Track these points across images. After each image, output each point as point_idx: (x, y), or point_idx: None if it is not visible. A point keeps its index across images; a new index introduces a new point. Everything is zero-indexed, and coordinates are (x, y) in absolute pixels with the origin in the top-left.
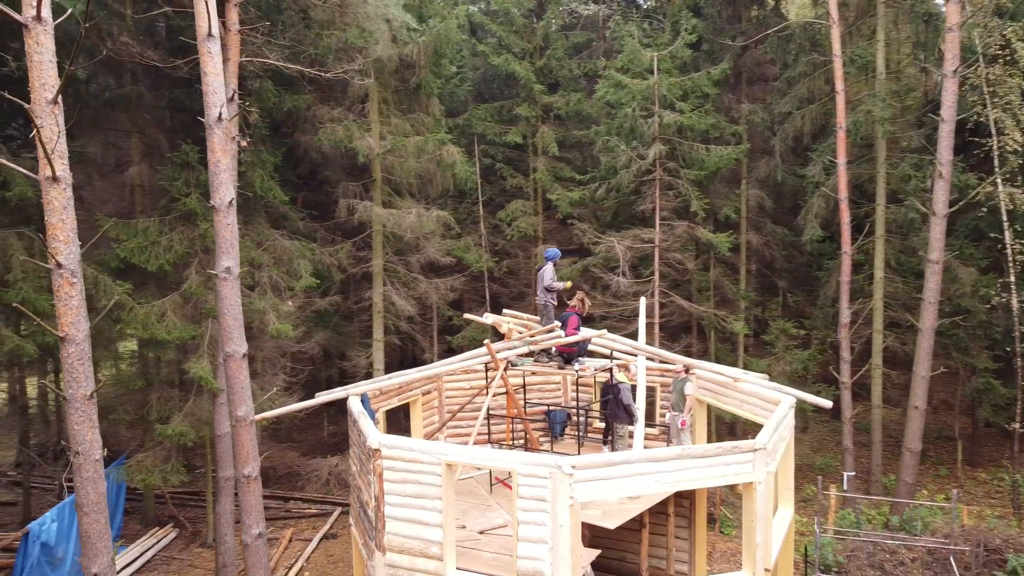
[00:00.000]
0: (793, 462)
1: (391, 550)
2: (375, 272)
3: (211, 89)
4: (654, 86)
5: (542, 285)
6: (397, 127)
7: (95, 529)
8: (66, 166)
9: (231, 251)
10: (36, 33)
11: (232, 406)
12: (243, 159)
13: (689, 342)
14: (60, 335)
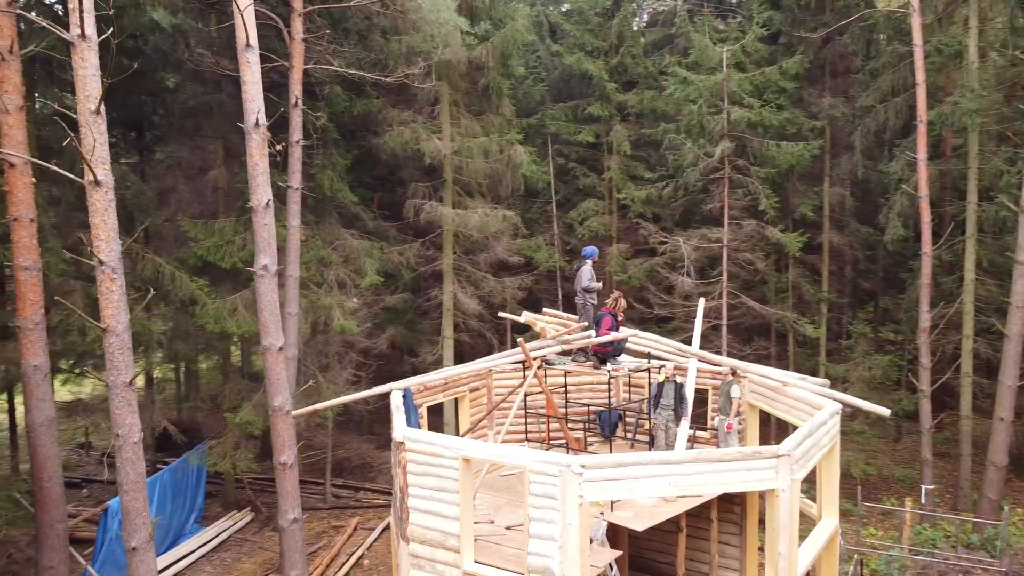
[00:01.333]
0: (838, 470)
1: (414, 540)
2: (445, 270)
3: (249, 96)
4: (722, 82)
5: (580, 285)
6: (467, 128)
7: (134, 506)
8: (108, 171)
9: (268, 249)
10: (81, 49)
11: (269, 396)
12: (315, 162)
13: (762, 345)
14: (102, 327)
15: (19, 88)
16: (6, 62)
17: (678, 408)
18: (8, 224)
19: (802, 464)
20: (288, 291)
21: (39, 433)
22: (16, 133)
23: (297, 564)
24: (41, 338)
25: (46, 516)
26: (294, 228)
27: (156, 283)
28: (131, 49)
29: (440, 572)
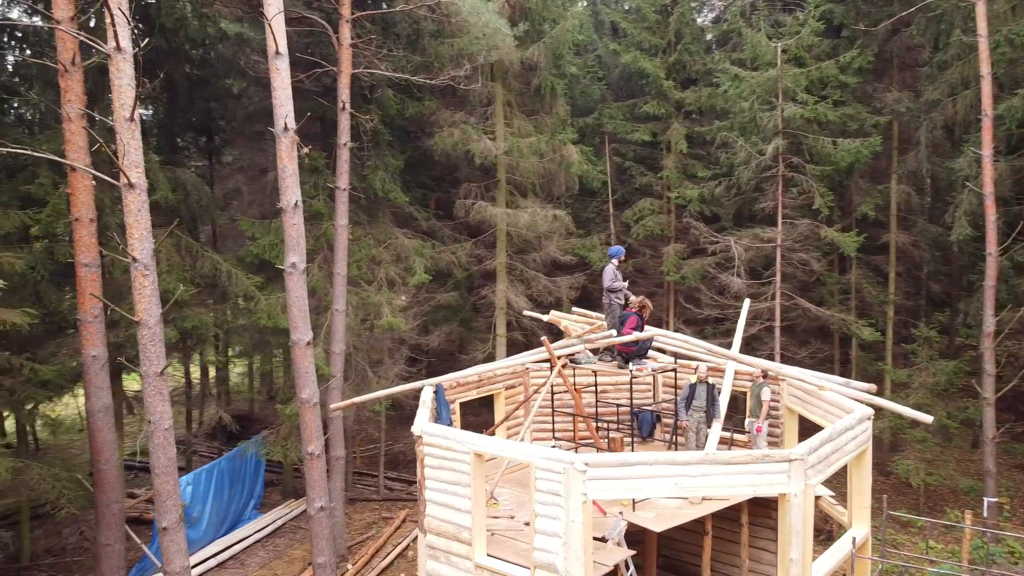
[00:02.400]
0: (869, 477)
1: (430, 532)
2: (498, 269)
3: (279, 102)
4: (776, 78)
5: (604, 285)
6: (520, 128)
7: (165, 489)
8: (141, 173)
9: (296, 248)
10: (117, 61)
11: (298, 389)
12: (367, 163)
13: (818, 348)
14: (136, 320)
15: (81, 97)
16: (68, 73)
17: (710, 409)
18: (70, 224)
19: (819, 469)
20: (336, 288)
21: (97, 419)
22: (77, 139)
23: (324, 551)
24: (99, 330)
25: (103, 497)
26: (342, 228)
27: (215, 280)
28: (198, 59)
29: (454, 564)
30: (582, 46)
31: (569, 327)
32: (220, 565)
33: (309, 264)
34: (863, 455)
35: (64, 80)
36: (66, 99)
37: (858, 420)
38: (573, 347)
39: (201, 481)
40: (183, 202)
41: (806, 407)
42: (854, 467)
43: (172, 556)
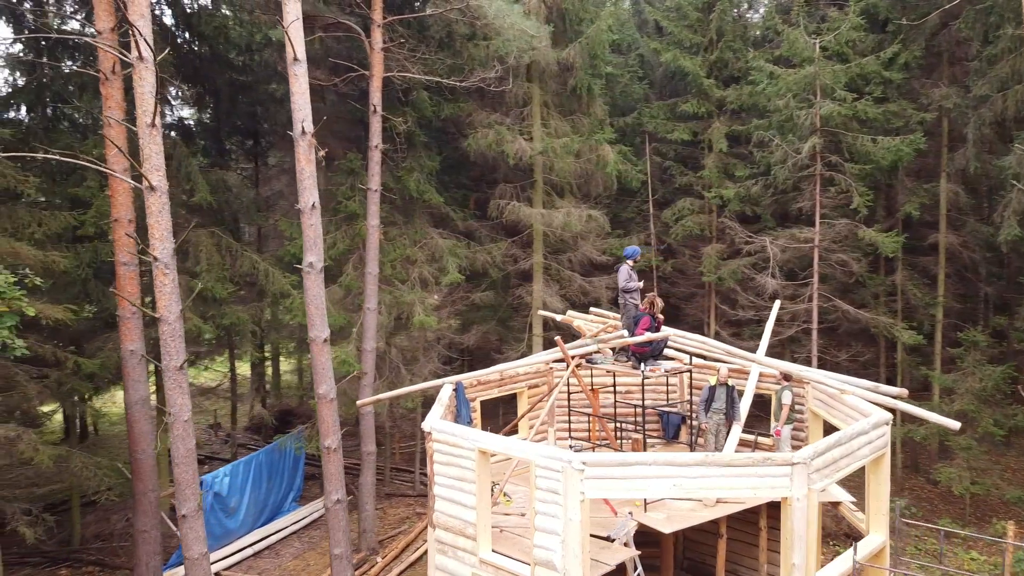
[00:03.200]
0: (887, 483)
1: (439, 526)
2: (535, 269)
3: (297, 106)
4: (814, 75)
5: (619, 285)
6: (557, 129)
7: (184, 478)
8: (162, 176)
9: (314, 248)
10: (140, 70)
11: (315, 384)
12: (403, 165)
13: (859, 351)
14: (156, 316)
15: (121, 104)
16: (109, 81)
17: (730, 412)
18: (110, 224)
19: (825, 474)
20: (367, 287)
21: (134, 411)
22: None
23: (340, 542)
24: (137, 326)
25: (140, 485)
26: (373, 228)
27: (253, 279)
28: (240, 64)
29: (460, 558)
30: (623, 45)
31: (583, 327)
32: (256, 554)
33: (344, 264)
34: (880, 460)
35: (105, 87)
36: (107, 106)
37: (873, 425)
38: (586, 347)
39: (239, 473)
40: (226, 204)
41: (829, 411)
42: (871, 472)
43: (191, 543)
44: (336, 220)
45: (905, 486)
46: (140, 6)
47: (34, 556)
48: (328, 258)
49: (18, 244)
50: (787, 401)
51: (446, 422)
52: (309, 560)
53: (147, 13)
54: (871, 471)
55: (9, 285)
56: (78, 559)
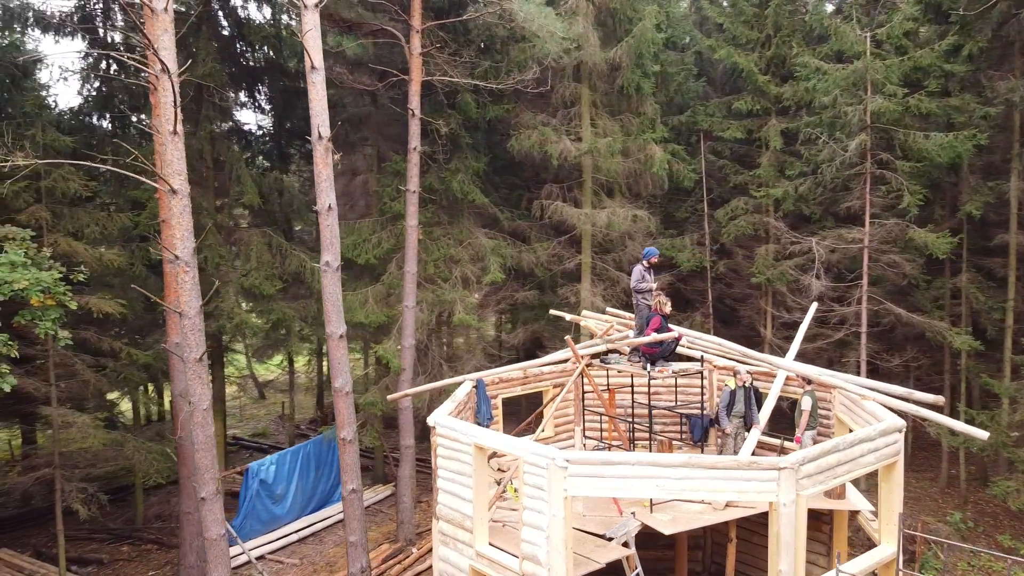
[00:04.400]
0: (899, 493)
1: (442, 519)
2: (583, 269)
3: (314, 112)
4: (863, 69)
5: (631, 286)
6: (606, 128)
7: (204, 463)
8: (183, 180)
9: (331, 248)
10: (163, 81)
11: (332, 378)
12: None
13: (914, 357)
14: (178, 311)
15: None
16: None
17: (748, 415)
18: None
19: (818, 481)
20: (406, 286)
21: (178, 401)
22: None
23: (356, 530)
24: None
25: (184, 470)
26: (411, 228)
27: (299, 276)
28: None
29: (460, 550)
30: (680, 43)
31: (593, 327)
32: (301, 540)
33: (388, 263)
34: (891, 468)
35: (154, 97)
36: (156, 114)
37: (880, 432)
38: (595, 347)
39: (286, 462)
40: (278, 205)
41: (853, 417)
42: (883, 480)
43: (210, 524)
44: (382, 220)
45: (969, 499)
46: (163, 22)
47: (100, 533)
48: (373, 257)
49: (76, 243)
50: (806, 407)
51: (449, 417)
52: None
53: (170, 28)
54: (882, 479)
55: (55, 281)
56: (139, 537)
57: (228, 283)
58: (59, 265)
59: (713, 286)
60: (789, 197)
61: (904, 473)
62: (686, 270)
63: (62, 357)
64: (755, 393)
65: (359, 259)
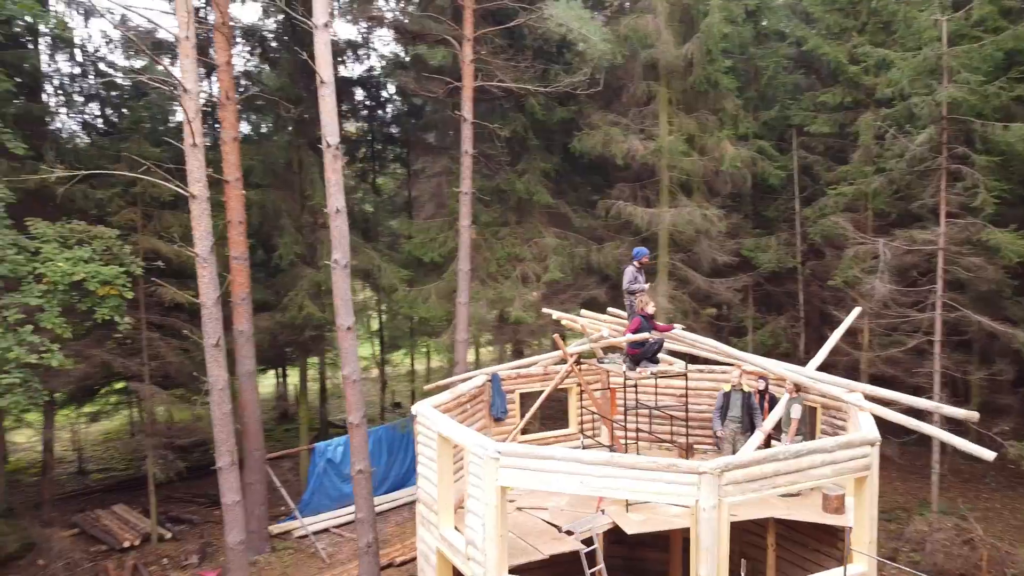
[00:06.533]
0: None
1: (421, 502)
2: (659, 269)
3: (324, 123)
4: (935, 57)
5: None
6: (681, 126)
7: (221, 437)
8: (203, 186)
9: (340, 247)
10: (186, 99)
11: (342, 367)
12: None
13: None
14: (199, 301)
15: (234, 124)
16: (224, 106)
17: (746, 419)
18: (225, 225)
19: (749, 488)
20: (459, 283)
21: (243, 381)
22: (231, 158)
23: (363, 508)
24: (247, 310)
25: (248, 445)
26: (464, 228)
27: (370, 274)
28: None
29: (431, 532)
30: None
31: (586, 327)
32: None
33: (451, 261)
34: (862, 483)
35: (221, 111)
36: (225, 126)
37: (839, 444)
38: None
39: None
40: (358, 206)
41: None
42: (855, 494)
43: (226, 491)
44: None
45: None
46: (185, 48)
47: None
48: (438, 255)
49: (157, 241)
50: (796, 415)
51: (428, 407)
52: (406, 528)
53: (191, 54)
54: (854, 493)
55: (116, 274)
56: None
57: (302, 278)
58: (139, 260)
59: (805, 288)
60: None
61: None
62: (767, 271)
63: (150, 340)
64: (770, 399)
65: (425, 257)
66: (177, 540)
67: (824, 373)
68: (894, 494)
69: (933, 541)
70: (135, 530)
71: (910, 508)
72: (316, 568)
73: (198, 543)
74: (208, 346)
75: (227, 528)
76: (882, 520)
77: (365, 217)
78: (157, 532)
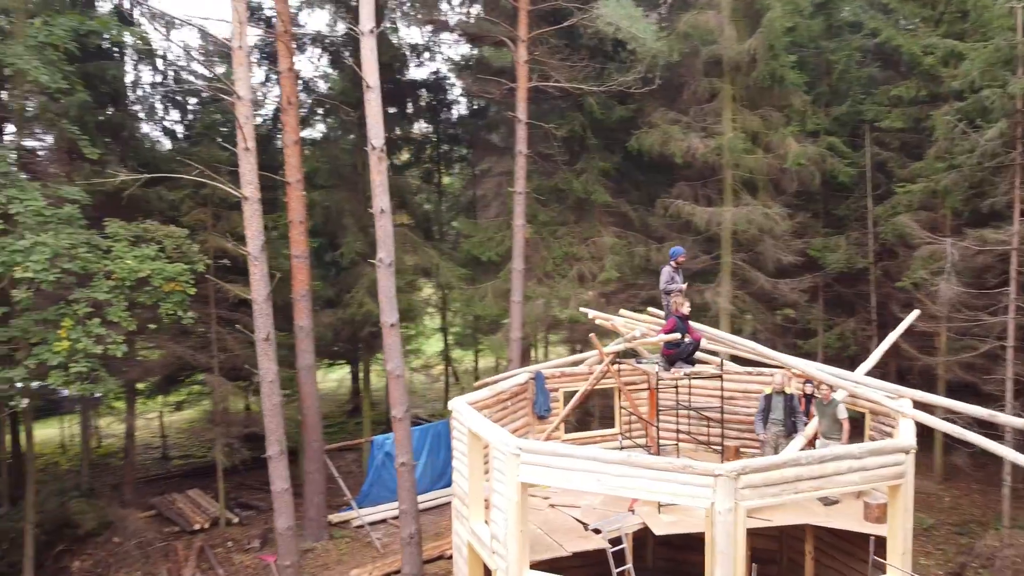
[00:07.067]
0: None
1: (455, 496)
2: (722, 269)
3: (370, 126)
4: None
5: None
6: (745, 123)
7: (271, 427)
8: (254, 188)
9: (384, 246)
10: (239, 106)
11: (385, 362)
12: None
13: None
14: (250, 298)
15: (295, 128)
16: (286, 110)
17: (788, 423)
18: (287, 225)
19: (768, 493)
20: (513, 282)
21: (303, 375)
22: (293, 160)
23: (406, 500)
24: (307, 307)
25: (307, 436)
26: (518, 228)
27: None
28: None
29: (464, 525)
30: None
31: (618, 326)
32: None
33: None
34: (896, 491)
35: (284, 116)
36: (286, 130)
37: (869, 451)
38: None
39: (415, 438)
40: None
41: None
42: (889, 503)
43: (275, 479)
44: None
45: None
46: (239, 57)
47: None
48: (495, 255)
49: (222, 240)
50: (844, 416)
51: (463, 403)
52: None
53: (244, 62)
54: (889, 502)
55: (180, 271)
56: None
57: (363, 275)
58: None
59: (879, 290)
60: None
61: None
62: (835, 272)
63: (219, 334)
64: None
65: (483, 256)
66: (243, 525)
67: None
68: (971, 507)
69: (1003, 557)
70: (205, 514)
71: (986, 522)
72: (369, 557)
73: (262, 528)
74: (259, 340)
75: (276, 514)
76: (954, 534)
77: (427, 216)
78: (225, 516)
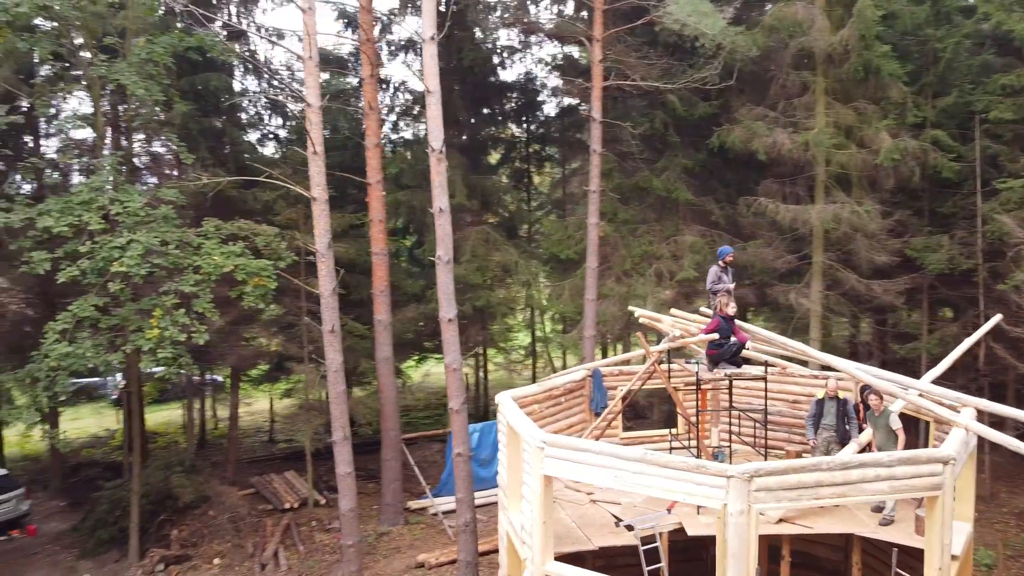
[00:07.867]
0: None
1: (500, 489)
2: (814, 269)
3: (430, 129)
4: None
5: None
6: (839, 117)
7: (335, 413)
8: (322, 190)
9: (443, 244)
10: (310, 114)
11: (444, 355)
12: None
13: None
14: (318, 292)
15: (376, 131)
16: (368, 115)
17: (841, 428)
18: (368, 224)
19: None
20: (587, 280)
21: (381, 365)
22: (373, 163)
23: (462, 488)
24: (386, 301)
25: (385, 424)
26: (592, 226)
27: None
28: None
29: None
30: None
31: (666, 326)
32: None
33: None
34: (933, 503)
35: (367, 120)
36: (368, 134)
37: (900, 460)
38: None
39: (491, 431)
40: (497, 205)
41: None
42: (927, 515)
43: (339, 463)
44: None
45: None
46: (309, 67)
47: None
48: (573, 253)
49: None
50: (898, 425)
51: (508, 398)
52: None
53: (314, 71)
54: (927, 513)
55: (263, 267)
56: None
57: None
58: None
59: (986, 292)
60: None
61: None
62: (935, 272)
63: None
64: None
65: (562, 254)
66: (329, 506)
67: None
68: None
69: None
70: (296, 494)
71: None
72: (440, 543)
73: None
74: (325, 332)
75: (340, 496)
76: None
77: (512, 216)
78: (314, 497)
